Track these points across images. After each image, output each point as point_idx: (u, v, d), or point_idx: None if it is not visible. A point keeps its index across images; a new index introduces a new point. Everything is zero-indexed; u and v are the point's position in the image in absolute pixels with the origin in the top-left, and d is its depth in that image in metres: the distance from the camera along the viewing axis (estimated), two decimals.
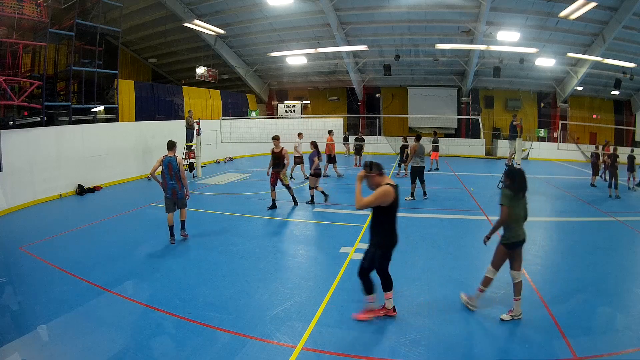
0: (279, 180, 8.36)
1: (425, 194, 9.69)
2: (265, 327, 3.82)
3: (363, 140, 16.84)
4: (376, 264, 3.93)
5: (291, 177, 12.21)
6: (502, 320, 3.94)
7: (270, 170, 8.39)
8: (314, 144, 9.80)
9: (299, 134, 13.04)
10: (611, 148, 11.64)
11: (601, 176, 12.35)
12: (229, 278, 5.07)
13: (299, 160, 12.56)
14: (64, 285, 4.84)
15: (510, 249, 4.00)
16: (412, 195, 9.56)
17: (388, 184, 3.76)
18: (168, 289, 4.70)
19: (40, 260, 5.65)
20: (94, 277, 4.99)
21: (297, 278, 5.02)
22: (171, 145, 6.40)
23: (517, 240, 3.97)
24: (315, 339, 3.64)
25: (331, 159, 13.08)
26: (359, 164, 15.94)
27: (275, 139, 8.40)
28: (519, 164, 10.84)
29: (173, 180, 6.24)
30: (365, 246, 6.06)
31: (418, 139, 9.62)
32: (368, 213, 7.99)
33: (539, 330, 3.80)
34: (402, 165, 13.53)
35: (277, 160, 8.29)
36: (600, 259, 5.82)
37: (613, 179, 10.41)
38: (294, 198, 8.81)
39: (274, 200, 8.54)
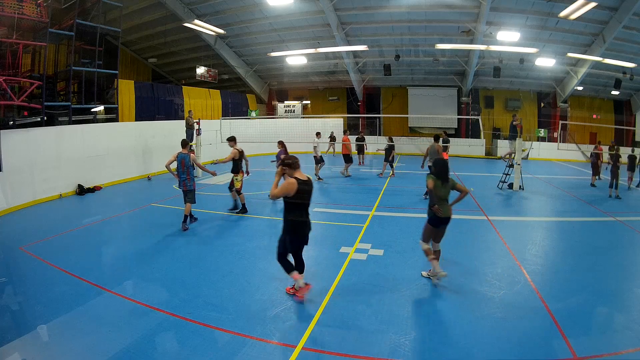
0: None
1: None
2: (265, 327, 3.82)
3: (364, 139, 16.91)
4: (289, 249, 4.34)
5: (319, 178, 12.11)
6: (422, 275, 4.96)
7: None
8: (281, 143, 9.94)
9: (317, 134, 13.03)
10: (602, 147, 11.60)
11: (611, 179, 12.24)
12: (229, 278, 5.07)
13: (318, 160, 12.45)
14: (64, 285, 4.83)
15: (434, 224, 4.68)
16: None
17: (296, 177, 4.14)
18: (168, 289, 4.70)
19: (40, 260, 5.65)
20: (94, 277, 4.99)
21: None
22: (184, 144, 7.30)
23: (439, 217, 4.63)
24: (315, 339, 3.64)
25: (348, 159, 13.08)
26: (362, 162, 16.17)
27: (229, 140, 8.38)
28: (519, 164, 10.83)
29: (184, 174, 7.06)
30: (365, 246, 6.11)
31: (436, 139, 9.89)
32: (368, 213, 8.05)
33: (539, 330, 3.80)
34: (387, 164, 13.56)
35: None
36: (600, 259, 5.82)
37: (614, 179, 10.40)
38: (235, 204, 8.39)
39: (242, 204, 8.32)
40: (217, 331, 3.77)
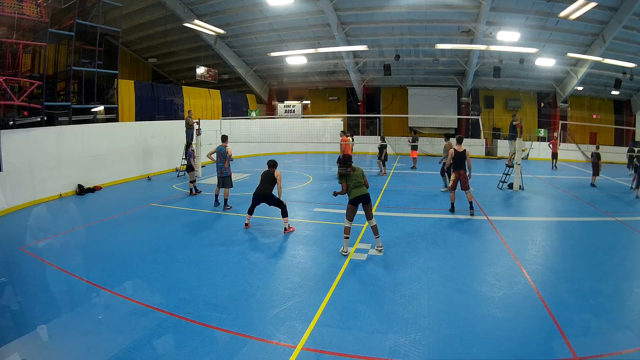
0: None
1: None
2: (265, 327, 3.82)
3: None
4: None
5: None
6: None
7: None
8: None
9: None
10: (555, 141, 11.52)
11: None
12: (229, 278, 5.07)
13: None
14: (64, 285, 4.84)
15: (353, 204, 5.72)
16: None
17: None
18: (168, 289, 4.70)
19: (40, 260, 5.65)
20: (94, 277, 4.99)
21: (297, 278, 5.02)
22: (224, 138, 8.74)
23: (354, 197, 5.66)
24: (315, 339, 3.64)
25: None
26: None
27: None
28: (519, 164, 10.83)
29: (221, 163, 8.39)
30: (365, 246, 6.11)
31: (447, 138, 10.89)
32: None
33: (539, 330, 3.80)
34: (379, 163, 13.84)
35: None
36: (600, 258, 5.81)
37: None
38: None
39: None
40: (218, 331, 3.77)
